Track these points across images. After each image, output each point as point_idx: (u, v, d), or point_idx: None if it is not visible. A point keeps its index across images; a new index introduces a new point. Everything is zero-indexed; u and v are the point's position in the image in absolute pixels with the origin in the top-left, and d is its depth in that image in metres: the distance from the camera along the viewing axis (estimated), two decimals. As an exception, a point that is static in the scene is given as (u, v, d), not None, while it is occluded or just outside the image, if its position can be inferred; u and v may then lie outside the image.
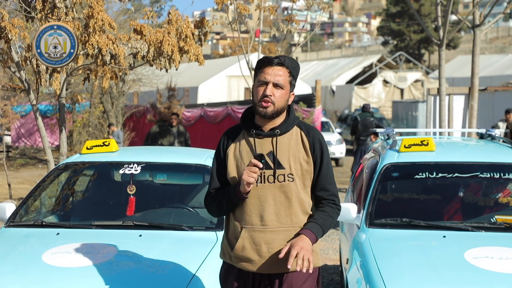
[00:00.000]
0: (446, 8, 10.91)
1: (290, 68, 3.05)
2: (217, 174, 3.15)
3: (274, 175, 3.03)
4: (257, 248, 3.03)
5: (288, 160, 3.04)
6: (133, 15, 20.07)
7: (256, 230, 3.04)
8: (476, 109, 11.01)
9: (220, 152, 3.15)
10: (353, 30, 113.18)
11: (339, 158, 19.82)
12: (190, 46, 7.55)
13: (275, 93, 3.00)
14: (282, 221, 3.03)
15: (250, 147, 3.07)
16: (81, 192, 5.40)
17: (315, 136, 3.11)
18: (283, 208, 3.03)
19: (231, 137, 3.15)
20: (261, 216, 3.03)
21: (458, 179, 4.90)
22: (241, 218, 3.07)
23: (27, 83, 7.17)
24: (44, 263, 3.88)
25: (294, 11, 11.68)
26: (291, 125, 3.10)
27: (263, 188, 3.03)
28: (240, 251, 3.06)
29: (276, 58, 3.03)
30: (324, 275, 7.08)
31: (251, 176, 2.94)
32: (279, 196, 3.03)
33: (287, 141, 3.07)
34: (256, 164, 2.93)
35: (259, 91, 3.02)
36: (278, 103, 3.01)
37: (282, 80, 3.02)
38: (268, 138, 3.06)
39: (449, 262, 3.82)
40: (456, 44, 55.92)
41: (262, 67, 3.04)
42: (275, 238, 3.02)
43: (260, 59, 3.09)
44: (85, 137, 19.47)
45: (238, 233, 3.08)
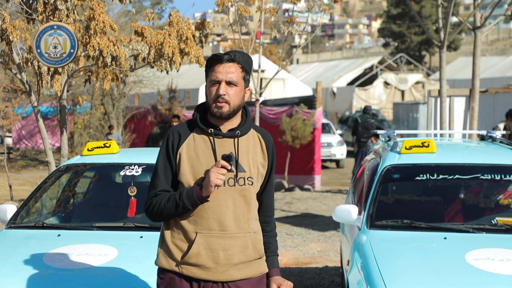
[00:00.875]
0: (447, 10, 10.91)
1: (242, 63, 2.88)
2: (164, 174, 2.91)
3: (235, 178, 2.87)
4: (214, 255, 2.84)
5: (248, 163, 2.91)
6: (134, 17, 20.08)
7: (213, 235, 2.84)
8: (477, 111, 11.00)
9: (169, 151, 2.91)
10: (354, 31, 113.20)
11: (340, 159, 19.82)
12: (191, 47, 7.56)
13: (229, 91, 2.84)
14: (240, 226, 2.88)
15: (209, 147, 2.88)
16: (82, 193, 5.41)
17: (270, 140, 3.02)
18: (241, 212, 2.88)
19: (182, 135, 2.92)
20: (219, 221, 2.85)
21: (459, 180, 4.90)
22: (196, 222, 2.85)
23: (28, 84, 7.18)
24: (45, 264, 3.88)
25: (295, 13, 11.68)
26: (249, 127, 2.96)
27: (222, 191, 2.85)
28: (194, 258, 2.84)
29: (226, 55, 2.86)
30: (325, 276, 7.08)
31: (219, 178, 2.75)
32: (238, 200, 2.88)
33: (246, 143, 2.93)
34: (224, 165, 2.75)
35: (212, 91, 2.86)
36: (234, 102, 2.85)
37: (235, 77, 2.85)
38: (228, 139, 2.90)
39: (450, 264, 3.82)
40: (457, 46, 55.91)
41: (212, 66, 2.87)
42: (232, 244, 2.86)
43: (209, 57, 2.91)
44: (86, 138, 19.48)
45: (191, 238, 2.85)
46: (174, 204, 2.83)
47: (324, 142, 18.37)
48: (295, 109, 14.90)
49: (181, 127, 2.95)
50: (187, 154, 2.88)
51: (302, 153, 15.11)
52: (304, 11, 12.36)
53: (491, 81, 31.61)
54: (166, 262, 2.90)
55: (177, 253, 2.87)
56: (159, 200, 2.87)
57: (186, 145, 2.89)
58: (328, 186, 15.59)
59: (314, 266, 7.62)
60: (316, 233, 9.49)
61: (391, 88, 35.75)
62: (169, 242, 2.89)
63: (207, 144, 2.89)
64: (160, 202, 2.86)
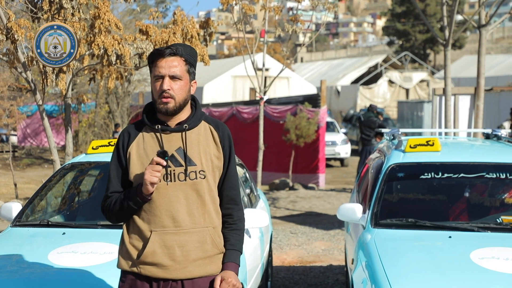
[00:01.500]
0: (451, 8, 10.89)
1: (185, 56, 2.82)
2: (116, 175, 2.89)
3: (185, 172, 2.81)
4: (170, 252, 2.79)
5: (199, 156, 2.84)
6: (138, 16, 20.11)
7: (167, 232, 2.79)
8: (482, 109, 10.98)
9: (119, 152, 2.90)
10: (358, 30, 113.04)
11: (344, 158, 19.80)
12: (195, 46, 7.56)
13: (173, 86, 2.79)
14: (195, 222, 2.81)
15: (157, 143, 2.85)
16: (86, 191, 5.42)
17: (224, 131, 2.93)
18: (195, 207, 2.82)
19: (131, 135, 2.90)
20: (172, 217, 2.80)
21: (464, 179, 4.89)
22: (150, 221, 2.82)
23: (33, 83, 7.20)
24: (50, 262, 3.89)
25: (299, 11, 11.68)
26: (198, 119, 2.90)
27: (173, 187, 2.81)
28: (150, 257, 2.80)
29: (168, 49, 2.81)
30: (329, 275, 7.08)
31: (154, 175, 2.70)
32: (191, 195, 2.82)
33: (196, 136, 2.87)
34: (159, 162, 2.70)
35: (157, 87, 2.80)
36: (179, 96, 2.80)
37: (179, 71, 2.80)
38: (176, 134, 2.85)
39: (454, 263, 3.81)
40: (461, 44, 55.77)
41: (155, 61, 2.81)
42: (188, 240, 2.80)
43: (151, 52, 2.86)
44: (91, 137, 19.52)
45: (146, 237, 2.81)
46: (120, 205, 2.82)
47: (329, 141, 18.35)
48: (299, 108, 14.89)
49: (131, 127, 2.93)
50: (137, 152, 2.86)
51: (306, 152, 15.10)
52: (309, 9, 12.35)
53: (496, 79, 31.53)
54: (125, 263, 2.86)
55: (134, 253, 2.84)
56: (110, 202, 2.86)
57: (136, 144, 2.87)
58: (332, 184, 15.59)
59: (319, 264, 7.62)
60: (320, 231, 9.48)
61: (395, 87, 35.69)
62: (127, 243, 2.86)
63: (156, 141, 2.85)
64: (110, 205, 2.86)
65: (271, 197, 13.08)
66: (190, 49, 2.85)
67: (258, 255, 5.26)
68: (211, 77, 25.68)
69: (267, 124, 14.13)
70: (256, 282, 5.20)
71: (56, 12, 6.92)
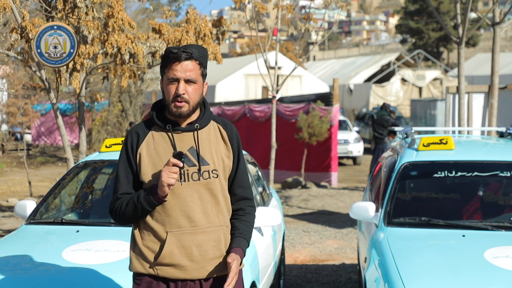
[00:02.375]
0: (465, 5, 10.82)
1: (199, 59, 2.79)
2: (126, 176, 2.84)
3: (199, 172, 2.80)
4: (187, 252, 2.78)
5: (211, 155, 2.84)
6: (151, 14, 20.17)
7: (184, 232, 2.78)
8: (496, 108, 10.91)
9: (128, 153, 2.85)
10: (371, 28, 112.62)
11: (356, 156, 19.75)
12: (208, 44, 7.58)
13: (188, 90, 2.77)
14: (210, 221, 2.81)
15: (169, 143, 2.82)
16: (100, 190, 5.45)
17: (232, 130, 2.93)
18: (210, 206, 2.82)
19: (140, 135, 2.85)
20: (188, 217, 2.78)
21: (478, 178, 4.86)
22: (164, 222, 2.79)
23: (47, 82, 7.24)
24: (64, 260, 3.92)
25: (312, 9, 11.66)
26: (208, 119, 2.90)
27: (187, 186, 2.79)
28: (167, 258, 2.78)
29: (183, 53, 2.74)
30: (342, 274, 7.07)
31: (172, 177, 2.67)
32: (205, 194, 2.81)
33: (207, 135, 2.86)
34: (176, 163, 2.67)
35: (170, 90, 2.77)
36: (193, 100, 2.79)
37: (194, 75, 2.77)
38: (187, 133, 2.83)
39: (468, 262, 3.79)
40: (475, 42, 55.40)
41: (169, 64, 2.77)
42: (205, 239, 2.80)
43: (164, 55, 2.80)
44: (104, 135, 19.61)
45: (162, 238, 2.79)
46: (133, 206, 2.78)
47: (341, 139, 18.32)
48: (311, 106, 14.86)
49: (139, 127, 2.89)
50: (148, 153, 2.82)
51: (318, 150, 15.08)
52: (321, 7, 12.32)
53: (510, 77, 31.27)
54: (140, 265, 2.83)
55: (150, 255, 2.81)
56: (120, 203, 2.81)
57: (146, 144, 2.83)
58: (344, 183, 15.55)
59: (331, 263, 7.61)
60: (333, 230, 9.47)
61: (408, 85, 35.52)
62: (141, 245, 2.83)
63: (167, 141, 2.82)
64: (121, 206, 2.81)
65: (283, 195, 13.08)
66: (203, 51, 2.82)
67: (270, 254, 5.27)
68: (224, 75, 25.70)
69: (279, 122, 14.13)
70: (268, 280, 5.20)
71: (70, 11, 6.96)
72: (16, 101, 15.72)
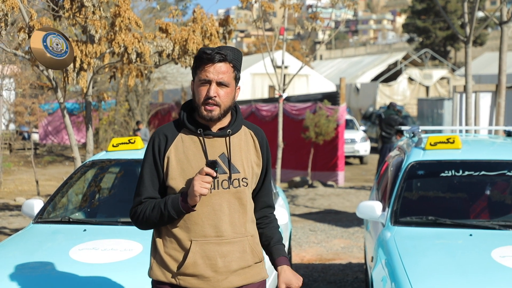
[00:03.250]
0: (473, 4, 10.78)
1: (233, 62, 2.68)
2: (150, 179, 2.72)
3: (229, 180, 2.68)
4: (211, 263, 2.66)
5: (242, 163, 2.72)
6: (158, 14, 20.20)
7: (209, 242, 2.66)
8: (504, 107, 10.86)
9: (155, 155, 2.71)
10: (378, 27, 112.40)
11: (363, 156, 19.73)
12: (215, 44, 7.58)
13: (220, 92, 2.65)
14: (237, 231, 2.70)
15: (199, 148, 2.69)
16: (107, 189, 5.46)
17: (263, 137, 2.82)
18: (237, 216, 2.70)
19: (169, 137, 2.72)
20: (215, 227, 2.66)
21: (485, 177, 4.84)
22: (189, 229, 2.66)
23: (55, 81, 7.27)
24: (71, 259, 3.93)
25: (319, 8, 11.65)
26: (240, 124, 2.77)
27: (216, 195, 2.66)
28: (190, 268, 2.66)
29: (217, 54, 2.64)
30: (348, 273, 7.06)
31: (204, 186, 2.54)
32: (233, 203, 2.69)
33: (238, 142, 2.74)
34: (209, 173, 2.55)
35: (201, 92, 2.65)
36: (225, 104, 2.67)
37: (227, 78, 2.66)
38: (219, 139, 2.71)
39: (475, 261, 3.78)
40: (483, 41, 55.20)
41: (202, 65, 2.66)
42: (230, 250, 2.68)
43: (197, 55, 2.69)
44: (111, 134, 19.65)
45: (186, 247, 2.67)
46: (159, 213, 2.65)
47: (348, 138, 18.30)
48: (318, 105, 14.85)
49: (167, 128, 2.75)
50: (176, 157, 2.69)
51: (325, 149, 15.07)
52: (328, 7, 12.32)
53: (518, 76, 31.13)
54: (161, 274, 2.71)
55: (172, 264, 2.69)
56: (144, 208, 2.69)
57: (174, 147, 2.70)
58: (351, 182, 15.53)
59: (338, 262, 7.60)
60: (339, 229, 9.46)
61: (415, 84, 35.44)
62: (162, 252, 2.71)
63: (197, 145, 2.70)
64: (145, 211, 2.69)
65: (290, 194, 13.08)
66: (237, 54, 2.71)
67: (277, 253, 5.26)
68: (230, 75, 25.68)
69: (286, 121, 14.13)
70: (275, 279, 5.21)
71: (77, 10, 6.98)
72: (24, 100, 15.78)
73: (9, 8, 6.40)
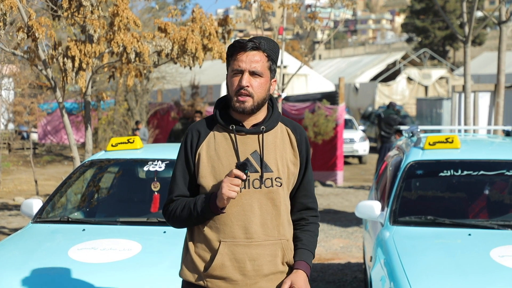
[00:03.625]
0: (471, 4, 10.79)
1: (267, 51, 2.57)
2: (182, 177, 2.63)
3: (261, 179, 2.56)
4: (240, 266, 2.55)
5: (276, 162, 2.59)
6: (157, 13, 20.20)
7: (238, 244, 2.55)
8: (502, 106, 10.87)
9: (187, 152, 2.63)
10: (376, 27, 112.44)
11: (362, 155, 19.74)
12: (213, 43, 7.58)
13: (253, 83, 2.54)
14: (268, 233, 2.57)
15: (231, 145, 2.59)
16: (106, 188, 5.46)
17: (302, 134, 2.68)
18: (269, 217, 2.57)
19: (201, 133, 2.63)
20: (245, 228, 2.55)
21: (484, 176, 4.85)
22: (218, 230, 2.56)
23: (54, 81, 7.26)
24: (70, 258, 3.93)
25: (318, 8, 11.65)
26: (276, 121, 2.64)
27: (247, 194, 2.55)
28: (218, 270, 2.56)
29: (250, 42, 2.55)
30: (347, 272, 7.07)
31: (233, 189, 2.45)
32: (265, 204, 2.57)
33: (273, 139, 2.62)
34: (239, 175, 2.45)
35: (234, 82, 2.56)
36: (258, 95, 2.55)
37: (260, 67, 2.54)
38: (252, 136, 2.60)
39: (474, 261, 3.79)
40: (481, 41, 55.23)
41: (234, 54, 2.56)
42: (261, 253, 2.56)
43: (231, 44, 2.60)
44: (110, 134, 19.64)
45: (214, 248, 2.57)
46: (189, 213, 2.57)
47: (347, 138, 18.31)
48: (317, 105, 14.86)
49: (201, 124, 2.66)
50: (207, 154, 2.60)
51: (324, 149, 15.07)
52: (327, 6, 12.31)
53: (516, 76, 31.15)
54: (190, 274, 2.62)
55: (200, 264, 2.60)
56: (175, 207, 2.62)
57: (206, 144, 2.61)
58: (350, 182, 15.54)
59: (337, 262, 7.60)
60: (338, 229, 9.46)
61: (414, 84, 35.45)
62: (192, 252, 2.62)
63: (229, 142, 2.60)
64: (175, 210, 2.61)
65: (289, 194, 13.07)
66: (273, 44, 2.60)
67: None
68: (229, 74, 25.69)
69: (285, 121, 14.10)
70: None
71: (75, 10, 6.98)
72: (23, 100, 15.77)
73: (8, 8, 6.40)
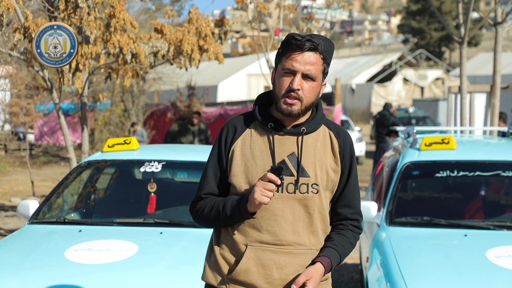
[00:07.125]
0: (467, 5, 10.81)
1: (324, 54, 2.37)
2: (214, 174, 2.48)
3: (296, 184, 2.39)
4: (266, 273, 2.38)
5: (314, 166, 2.41)
6: (153, 14, 20.20)
7: (266, 249, 2.39)
8: (498, 107, 10.91)
9: (221, 147, 2.46)
10: (373, 28, 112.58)
11: (358, 156, 19.77)
12: (210, 44, 7.59)
13: (304, 86, 2.35)
14: (299, 242, 2.40)
15: (267, 145, 2.41)
16: (102, 189, 5.46)
17: (346, 139, 2.48)
18: (302, 225, 2.40)
19: (238, 129, 2.46)
20: (274, 233, 2.38)
21: (480, 177, 4.86)
22: (246, 233, 2.41)
23: (50, 82, 7.26)
24: (66, 259, 3.93)
25: (314, 9, 11.67)
26: (319, 123, 2.46)
27: (280, 198, 2.38)
28: (242, 275, 2.39)
29: (308, 41, 2.33)
30: (343, 273, 7.07)
31: (265, 195, 2.29)
32: (298, 211, 2.40)
33: (313, 142, 2.43)
34: (273, 180, 2.28)
35: (284, 83, 2.37)
36: (308, 99, 2.37)
37: (314, 70, 2.35)
38: (291, 136, 2.42)
39: (470, 261, 3.80)
40: (477, 42, 55.36)
41: (288, 52, 2.36)
42: (289, 261, 2.39)
43: (285, 40, 2.39)
44: (107, 135, 19.62)
45: (240, 251, 2.41)
46: (217, 214, 2.42)
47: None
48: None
49: (238, 120, 2.49)
50: (241, 151, 2.43)
51: (321, 150, 15.10)
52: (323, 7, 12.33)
53: (512, 77, 31.23)
54: (213, 277, 2.46)
55: (224, 266, 2.44)
56: (203, 206, 2.46)
57: (241, 140, 2.44)
58: (347, 183, 15.55)
59: (333, 263, 7.61)
60: (335, 230, 9.47)
61: (410, 85, 35.53)
62: (217, 253, 2.46)
63: (265, 142, 2.42)
64: (204, 208, 2.46)
65: (285, 195, 13.07)
66: (330, 45, 2.40)
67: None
68: (226, 75, 25.71)
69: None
70: None
71: (72, 11, 6.97)
72: (19, 101, 15.75)
73: (5, 9, 6.39)
